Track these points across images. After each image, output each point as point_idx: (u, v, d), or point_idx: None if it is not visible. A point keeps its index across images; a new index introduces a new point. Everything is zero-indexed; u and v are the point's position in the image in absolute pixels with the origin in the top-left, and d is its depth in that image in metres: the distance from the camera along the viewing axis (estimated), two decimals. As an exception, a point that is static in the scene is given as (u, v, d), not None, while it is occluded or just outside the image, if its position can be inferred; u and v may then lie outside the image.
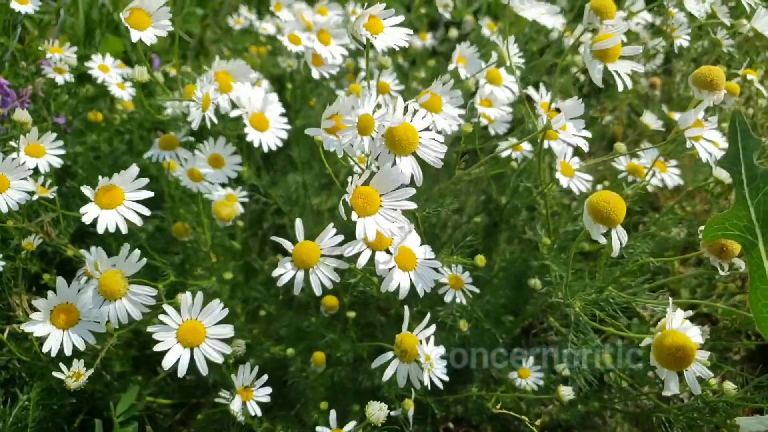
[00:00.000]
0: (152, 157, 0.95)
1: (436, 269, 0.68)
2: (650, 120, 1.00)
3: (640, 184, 0.79)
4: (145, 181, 0.68)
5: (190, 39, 1.44)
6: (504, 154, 0.94)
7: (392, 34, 0.70)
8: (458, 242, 0.83)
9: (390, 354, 0.70)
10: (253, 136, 0.90)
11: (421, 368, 0.69)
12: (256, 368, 0.75)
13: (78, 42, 1.22)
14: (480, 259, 0.76)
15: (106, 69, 1.10)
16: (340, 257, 0.67)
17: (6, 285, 0.87)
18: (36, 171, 0.82)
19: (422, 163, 0.63)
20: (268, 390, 0.75)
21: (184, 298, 0.67)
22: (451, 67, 0.98)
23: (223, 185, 0.96)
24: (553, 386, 0.87)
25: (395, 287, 0.65)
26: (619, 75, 0.67)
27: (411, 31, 0.70)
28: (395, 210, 0.63)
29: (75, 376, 0.71)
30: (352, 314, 0.89)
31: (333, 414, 0.73)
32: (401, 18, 0.70)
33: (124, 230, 0.66)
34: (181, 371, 0.65)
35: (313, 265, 0.67)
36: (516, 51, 0.84)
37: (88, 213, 0.66)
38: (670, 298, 0.61)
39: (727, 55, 1.11)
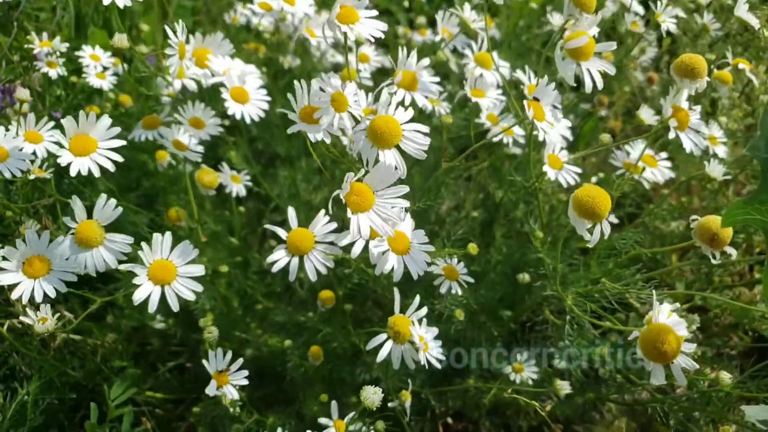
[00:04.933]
0: (135, 137, 0.94)
1: (429, 253, 0.68)
2: (646, 115, 0.99)
3: (631, 175, 0.78)
4: (117, 130, 0.71)
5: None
6: (496, 139, 0.92)
7: (367, 24, 0.69)
8: (454, 236, 0.83)
9: (383, 336, 0.70)
10: (234, 108, 0.89)
11: (415, 348, 0.70)
12: (230, 352, 0.75)
13: (69, 37, 1.22)
14: (473, 248, 0.75)
15: (98, 58, 1.10)
16: (333, 243, 0.68)
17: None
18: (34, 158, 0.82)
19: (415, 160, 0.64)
20: (245, 373, 0.74)
21: (155, 236, 0.68)
22: (437, 38, 1.00)
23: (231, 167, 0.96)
24: (550, 380, 0.87)
25: (389, 270, 0.65)
26: (590, 73, 0.66)
27: (385, 26, 0.70)
28: (389, 207, 0.63)
29: (41, 320, 0.73)
30: (348, 306, 0.89)
31: (334, 404, 0.73)
32: (375, 12, 0.70)
33: (97, 174, 0.69)
34: (151, 307, 0.66)
35: (308, 252, 0.67)
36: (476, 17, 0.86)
37: (63, 157, 0.68)
38: (654, 292, 0.61)
39: (716, 43, 1.11)
